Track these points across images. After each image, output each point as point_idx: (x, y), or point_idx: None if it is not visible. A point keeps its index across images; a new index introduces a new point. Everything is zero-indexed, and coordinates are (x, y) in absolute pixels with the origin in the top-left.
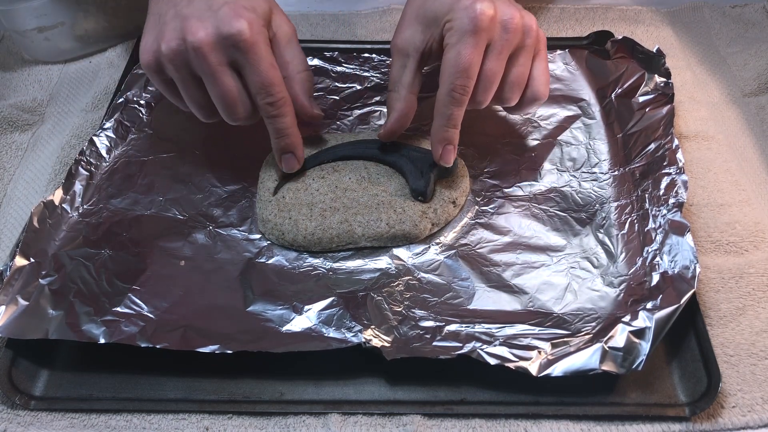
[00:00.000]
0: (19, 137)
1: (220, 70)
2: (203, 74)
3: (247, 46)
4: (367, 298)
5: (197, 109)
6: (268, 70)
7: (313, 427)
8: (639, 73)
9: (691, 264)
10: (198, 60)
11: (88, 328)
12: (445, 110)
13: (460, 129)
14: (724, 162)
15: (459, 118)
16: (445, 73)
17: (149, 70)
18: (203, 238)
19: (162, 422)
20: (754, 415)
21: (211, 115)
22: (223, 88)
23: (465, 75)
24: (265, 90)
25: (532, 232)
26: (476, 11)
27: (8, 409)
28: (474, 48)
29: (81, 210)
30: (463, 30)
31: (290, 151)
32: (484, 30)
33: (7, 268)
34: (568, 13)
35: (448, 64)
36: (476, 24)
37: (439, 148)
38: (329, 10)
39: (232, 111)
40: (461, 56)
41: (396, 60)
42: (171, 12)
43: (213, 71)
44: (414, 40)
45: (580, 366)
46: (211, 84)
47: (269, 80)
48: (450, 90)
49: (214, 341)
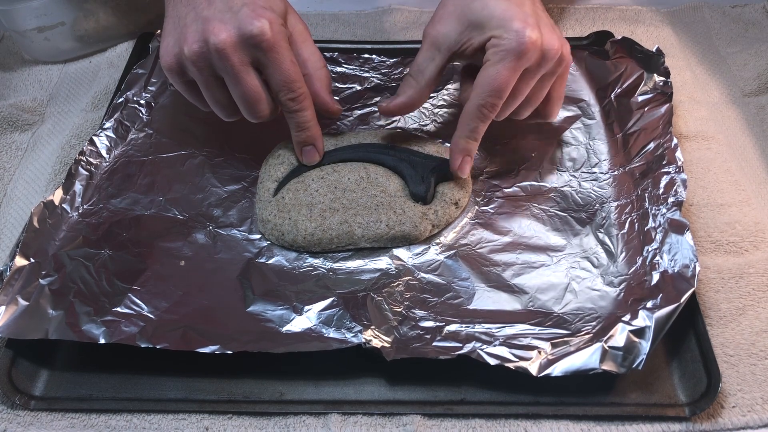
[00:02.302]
0: (19, 137)
1: (243, 69)
2: (226, 74)
3: (269, 46)
4: (367, 299)
5: (219, 109)
6: (290, 68)
7: (313, 427)
8: (638, 73)
9: (691, 263)
10: (221, 61)
11: (88, 328)
12: (471, 123)
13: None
14: (724, 162)
15: (482, 133)
16: (479, 88)
17: (171, 73)
18: (203, 238)
19: (162, 422)
20: (754, 415)
21: (233, 113)
22: (246, 87)
23: (497, 95)
24: (287, 87)
25: (532, 232)
26: (525, 38)
27: (8, 409)
28: (513, 72)
29: (81, 210)
30: (509, 52)
31: (311, 143)
32: (527, 57)
33: (7, 268)
34: (568, 13)
35: (485, 81)
36: (522, 50)
37: (459, 158)
38: (329, 10)
39: (256, 109)
40: (500, 77)
41: (426, 49)
42: (191, 15)
43: (236, 71)
44: (449, 37)
45: (581, 366)
46: (234, 84)
47: (291, 77)
48: (480, 105)
49: (214, 341)
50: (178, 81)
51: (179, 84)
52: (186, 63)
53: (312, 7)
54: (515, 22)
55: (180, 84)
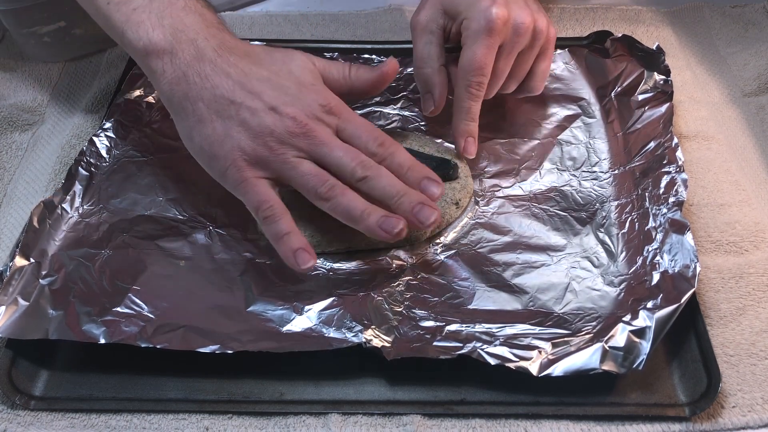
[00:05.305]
0: (19, 137)
1: (333, 140)
2: (315, 147)
3: (339, 109)
4: (368, 299)
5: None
6: (363, 120)
7: (313, 427)
8: (638, 71)
9: (692, 263)
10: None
11: (88, 328)
12: (464, 105)
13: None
14: (724, 162)
15: (477, 112)
16: (461, 71)
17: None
18: (203, 238)
19: (162, 422)
20: (754, 415)
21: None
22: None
23: (480, 73)
24: (373, 135)
25: (532, 231)
26: (491, 15)
27: (8, 409)
28: (488, 49)
29: (81, 210)
30: (478, 31)
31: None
32: (498, 33)
33: (7, 268)
34: (568, 13)
35: (465, 63)
36: (491, 27)
37: (462, 140)
38: (329, 10)
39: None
40: (476, 56)
41: (420, 37)
42: (239, 110)
43: (327, 141)
44: (437, 18)
45: (581, 365)
46: (329, 152)
47: (370, 125)
48: (467, 86)
49: (214, 341)
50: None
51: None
52: (264, 156)
53: (312, 7)
54: (482, 1)
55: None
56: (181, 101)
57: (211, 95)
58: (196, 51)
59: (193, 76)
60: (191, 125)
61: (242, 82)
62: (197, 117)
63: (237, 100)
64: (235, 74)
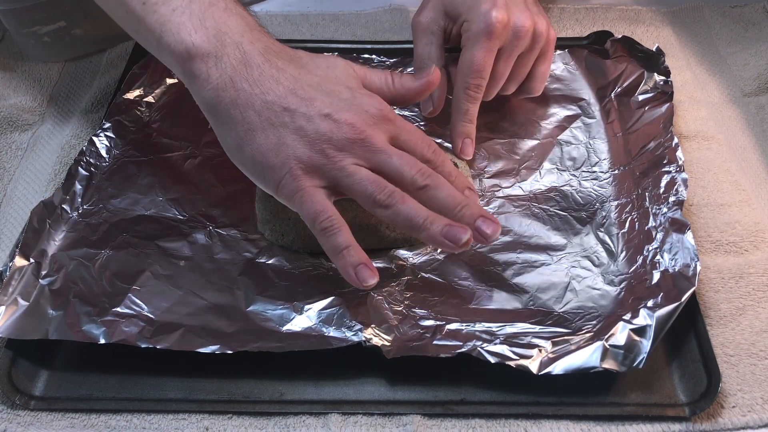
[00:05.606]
0: (19, 137)
1: (389, 148)
2: (373, 155)
3: (392, 116)
4: (367, 298)
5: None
6: (417, 130)
7: (313, 427)
8: (638, 72)
9: (692, 262)
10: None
11: (88, 328)
12: (461, 106)
13: (475, 124)
14: (724, 162)
15: (475, 114)
16: (461, 73)
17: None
18: (203, 238)
19: (162, 422)
20: (754, 415)
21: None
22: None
23: (479, 76)
24: (427, 143)
25: (532, 231)
26: (491, 18)
27: (8, 409)
28: (487, 52)
29: (81, 210)
30: (478, 34)
31: None
32: (497, 36)
33: (7, 268)
34: (568, 13)
35: (464, 65)
36: (491, 30)
37: (459, 141)
38: (329, 10)
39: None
40: (476, 59)
41: (421, 37)
42: (294, 118)
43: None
44: (438, 20)
45: (581, 364)
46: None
47: (423, 135)
48: (465, 88)
49: (214, 341)
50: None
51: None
52: (320, 164)
53: (312, 7)
54: (483, 4)
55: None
56: (228, 109)
57: (262, 102)
58: (242, 55)
59: (240, 82)
60: (240, 135)
61: (293, 88)
62: (247, 125)
63: (291, 106)
64: (285, 80)
